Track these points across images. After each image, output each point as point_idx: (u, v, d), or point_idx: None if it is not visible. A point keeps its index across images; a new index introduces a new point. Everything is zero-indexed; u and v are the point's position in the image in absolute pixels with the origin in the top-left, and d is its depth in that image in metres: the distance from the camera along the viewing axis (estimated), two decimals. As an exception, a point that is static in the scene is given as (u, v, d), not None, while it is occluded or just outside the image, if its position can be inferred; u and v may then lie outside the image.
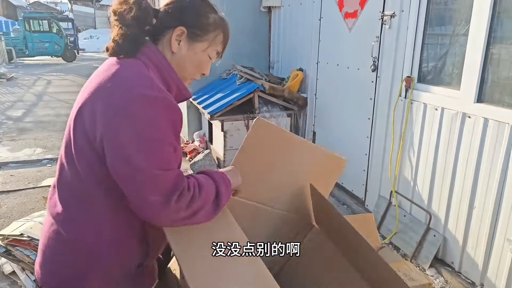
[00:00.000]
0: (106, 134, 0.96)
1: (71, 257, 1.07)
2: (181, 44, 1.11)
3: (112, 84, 0.99)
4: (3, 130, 5.99)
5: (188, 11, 1.11)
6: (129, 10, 1.06)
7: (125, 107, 0.95)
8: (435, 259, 2.65)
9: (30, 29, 16.51)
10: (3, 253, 2.62)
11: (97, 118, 0.98)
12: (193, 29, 1.10)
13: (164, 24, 1.10)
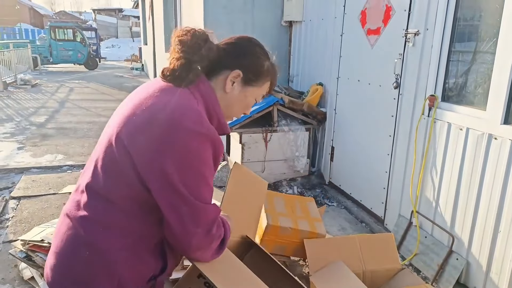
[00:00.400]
0: (152, 161, 1.00)
1: (87, 262, 1.08)
2: (234, 85, 1.16)
3: (164, 114, 1.02)
4: (26, 135, 6.13)
5: (248, 57, 1.17)
6: (196, 44, 1.09)
7: (175, 141, 0.99)
8: (458, 284, 2.58)
9: (55, 37, 17.01)
10: (24, 258, 2.66)
11: (143, 142, 1.01)
12: (249, 74, 1.17)
13: (223, 63, 1.15)
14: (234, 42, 1.20)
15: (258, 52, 1.21)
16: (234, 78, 1.15)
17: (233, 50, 1.18)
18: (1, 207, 3.65)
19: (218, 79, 1.15)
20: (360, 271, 2.40)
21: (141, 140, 1.02)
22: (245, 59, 1.17)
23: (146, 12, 13.46)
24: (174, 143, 0.99)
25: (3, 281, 2.65)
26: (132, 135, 1.03)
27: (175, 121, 1.00)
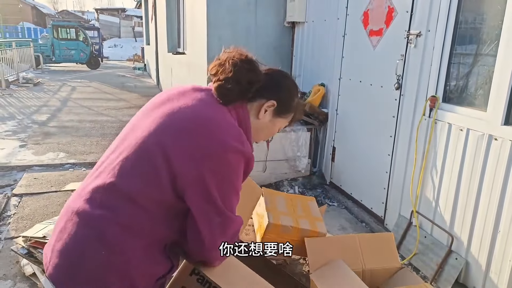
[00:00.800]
0: (193, 170, 1.05)
1: (103, 262, 1.07)
2: (266, 113, 1.25)
3: (208, 127, 1.09)
4: (28, 133, 6.16)
5: (284, 91, 1.27)
6: (249, 72, 1.18)
7: (218, 154, 1.06)
8: (457, 283, 2.59)
9: (58, 36, 17.05)
10: (25, 254, 2.68)
11: (186, 150, 1.06)
12: (282, 106, 1.26)
13: (262, 92, 1.23)
14: (272, 74, 1.27)
15: (293, 88, 1.31)
16: (268, 107, 1.24)
17: (273, 82, 1.25)
18: (3, 204, 3.67)
19: (254, 105, 1.24)
20: (359, 269, 2.40)
21: (185, 148, 1.06)
22: (281, 93, 1.26)
23: (149, 13, 13.49)
24: (217, 157, 1.06)
25: (5, 277, 2.67)
26: (175, 143, 1.07)
27: (219, 136, 1.08)
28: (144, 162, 1.09)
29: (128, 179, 1.09)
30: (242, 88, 1.17)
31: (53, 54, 16.97)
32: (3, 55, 11.29)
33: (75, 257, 1.10)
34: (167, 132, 1.09)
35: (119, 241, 1.08)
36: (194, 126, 1.09)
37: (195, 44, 5.86)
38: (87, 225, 1.10)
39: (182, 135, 1.08)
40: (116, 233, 1.08)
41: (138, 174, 1.09)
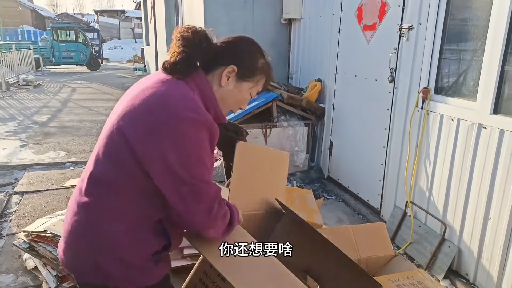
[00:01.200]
0: (151, 148, 1.06)
1: (92, 244, 1.15)
2: (229, 80, 1.23)
3: (161, 102, 1.09)
4: (29, 134, 6.22)
5: (243, 54, 1.24)
6: (196, 41, 1.16)
7: (173, 127, 1.05)
8: (450, 271, 2.64)
9: (57, 38, 17.12)
10: (27, 248, 2.73)
11: (142, 130, 1.07)
12: (244, 70, 1.23)
13: (219, 59, 1.22)
14: (230, 41, 1.26)
15: (253, 50, 1.27)
16: (229, 73, 1.22)
17: (230, 47, 1.24)
18: (5, 202, 3.73)
19: (214, 74, 1.22)
20: (355, 258, 2.46)
21: (141, 128, 1.07)
22: (240, 56, 1.23)
23: (148, 13, 13.56)
24: (172, 130, 1.05)
25: (7, 271, 2.73)
26: (132, 124, 1.09)
27: (171, 109, 1.06)
28: (112, 150, 1.13)
29: (102, 167, 1.14)
30: (189, 57, 1.16)
31: (53, 56, 17.03)
32: (3, 58, 11.36)
33: (73, 243, 1.19)
34: (128, 116, 1.11)
35: (102, 225, 1.14)
36: (148, 105, 1.09)
37: (193, 42, 5.92)
38: (77, 213, 1.17)
39: (139, 117, 1.09)
40: (99, 217, 1.15)
41: (110, 161, 1.13)
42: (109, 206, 1.14)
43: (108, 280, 1.16)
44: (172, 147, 1.05)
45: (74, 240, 1.18)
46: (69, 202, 1.26)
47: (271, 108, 4.29)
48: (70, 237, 1.19)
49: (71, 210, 1.21)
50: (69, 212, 1.22)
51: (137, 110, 1.10)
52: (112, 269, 1.15)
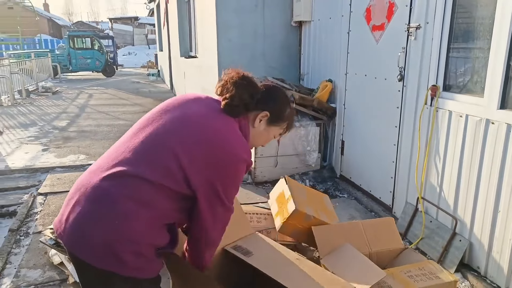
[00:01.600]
0: (203, 176, 1.31)
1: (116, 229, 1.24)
2: (261, 122, 1.48)
3: (219, 140, 1.33)
4: (50, 138, 6.45)
5: (276, 103, 1.49)
6: (248, 88, 1.43)
7: (229, 164, 1.33)
8: (461, 264, 2.68)
9: (74, 46, 17.57)
10: (53, 245, 2.88)
11: (199, 156, 1.30)
12: (274, 116, 1.48)
13: (258, 105, 1.45)
14: (268, 89, 1.50)
15: (284, 100, 1.52)
16: (262, 117, 1.46)
17: (267, 95, 1.47)
18: (30, 203, 3.91)
19: (251, 115, 1.46)
20: (366, 253, 2.53)
21: (197, 153, 1.29)
22: (274, 105, 1.47)
23: (161, 19, 13.82)
24: (228, 166, 1.33)
25: (35, 267, 2.88)
26: (189, 147, 1.30)
27: (231, 149, 1.33)
28: (161, 160, 1.29)
29: (143, 167, 1.28)
30: (245, 102, 1.40)
31: (70, 64, 17.48)
32: (22, 66, 11.74)
33: (88, 226, 1.25)
34: (183, 138, 1.31)
35: (130, 214, 1.25)
36: (207, 137, 1.32)
37: (206, 47, 6.06)
38: (105, 200, 1.26)
39: (198, 143, 1.30)
40: (129, 207, 1.25)
41: (154, 166, 1.28)
42: (143, 200, 1.26)
43: (115, 267, 1.24)
44: (223, 177, 1.33)
45: (93, 225, 1.24)
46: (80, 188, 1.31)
47: (283, 108, 4.38)
48: (88, 221, 1.24)
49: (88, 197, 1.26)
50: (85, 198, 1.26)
51: (192, 137, 1.31)
52: (128, 259, 1.24)
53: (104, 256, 1.24)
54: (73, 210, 1.28)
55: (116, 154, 1.34)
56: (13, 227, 3.40)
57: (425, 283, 2.26)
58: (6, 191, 4.28)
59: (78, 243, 1.26)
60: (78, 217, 1.26)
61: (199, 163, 1.29)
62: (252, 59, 5.30)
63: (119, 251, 1.24)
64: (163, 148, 1.30)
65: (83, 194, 1.29)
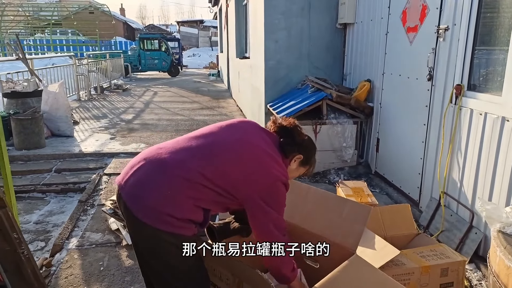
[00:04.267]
0: (255, 190, 1.63)
1: (164, 196, 1.57)
2: (295, 163, 1.81)
3: (271, 170, 1.65)
4: (117, 129, 7.26)
5: (308, 150, 1.84)
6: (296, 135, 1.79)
7: (274, 185, 1.65)
8: (476, 256, 2.79)
9: (143, 47, 18.98)
10: (112, 214, 3.44)
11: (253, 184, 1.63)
12: (305, 159, 1.82)
13: (296, 150, 1.79)
14: (304, 141, 1.81)
15: (313, 149, 1.88)
16: (297, 159, 1.80)
17: (303, 144, 1.81)
18: (96, 180, 4.57)
19: (290, 156, 1.79)
20: (382, 236, 2.74)
21: (253, 180, 1.63)
22: (307, 151, 1.82)
23: (222, 22, 14.54)
24: (274, 187, 1.66)
25: (97, 231, 3.44)
26: (248, 176, 1.62)
27: (278, 176, 1.66)
28: (220, 165, 1.63)
29: (206, 164, 1.62)
30: (295, 145, 1.76)
31: (140, 64, 18.88)
32: (99, 65, 13.04)
33: (147, 188, 1.59)
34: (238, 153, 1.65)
35: (181, 190, 1.59)
36: (262, 164, 1.66)
37: (256, 48, 6.46)
38: (165, 173, 1.61)
39: (253, 176, 1.64)
40: (182, 185, 1.60)
41: (214, 167, 1.62)
42: (192, 185, 1.59)
43: (163, 225, 1.57)
44: (272, 194, 1.66)
45: (150, 188, 1.58)
46: (145, 157, 1.67)
47: (321, 106, 4.64)
48: (147, 185, 1.59)
49: (152, 166, 1.61)
50: (149, 167, 1.62)
51: (249, 159, 1.65)
52: (171, 220, 1.58)
53: (153, 215, 1.58)
54: (136, 173, 1.63)
55: (184, 144, 1.70)
56: (82, 199, 4.05)
57: (436, 262, 2.44)
58: (79, 171, 5.01)
59: (134, 202, 1.56)
60: (140, 180, 1.57)
61: (252, 185, 1.62)
62: (298, 60, 5.59)
63: (164, 214, 1.58)
64: (214, 157, 1.64)
65: (148, 162, 1.61)
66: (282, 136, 1.77)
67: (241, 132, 1.74)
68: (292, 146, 1.76)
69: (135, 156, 1.74)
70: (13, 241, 1.98)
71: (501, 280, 1.53)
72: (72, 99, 10.23)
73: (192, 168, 1.60)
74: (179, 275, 1.68)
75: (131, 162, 1.71)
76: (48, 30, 22.75)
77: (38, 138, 5.63)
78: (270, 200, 1.63)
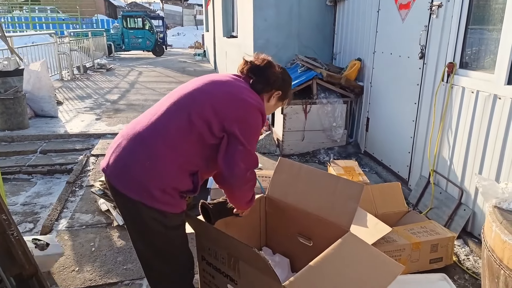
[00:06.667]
0: (231, 125, 1.59)
1: (146, 169, 1.54)
2: (273, 98, 1.82)
3: (243, 101, 1.64)
4: (102, 109, 7.10)
5: (286, 85, 1.86)
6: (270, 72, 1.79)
7: (246, 116, 1.63)
8: (465, 232, 2.85)
9: (127, 26, 18.46)
10: (101, 195, 3.38)
11: (223, 115, 1.59)
12: (283, 94, 1.84)
13: (273, 86, 1.80)
14: (281, 76, 1.82)
15: (290, 83, 1.89)
16: (275, 95, 1.82)
17: (280, 80, 1.81)
18: (84, 161, 4.48)
19: (266, 92, 1.80)
20: (373, 214, 2.77)
21: (221, 113, 1.59)
22: (284, 86, 1.84)
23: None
24: (246, 118, 1.62)
25: (87, 212, 3.39)
26: (214, 108, 1.59)
27: (249, 106, 1.63)
28: (193, 109, 1.59)
29: (176, 118, 1.58)
30: (269, 83, 1.76)
31: (123, 43, 18.39)
32: (81, 44, 12.66)
33: (128, 164, 1.56)
34: (212, 95, 1.63)
35: (160, 156, 1.56)
36: (232, 100, 1.64)
37: (244, 26, 6.34)
38: (142, 143, 1.58)
39: (222, 103, 1.61)
40: (160, 150, 1.56)
41: (185, 117, 1.58)
42: (173, 150, 1.56)
43: (149, 200, 1.55)
44: (245, 126, 1.61)
45: (130, 162, 1.55)
46: (122, 136, 1.65)
47: (311, 85, 4.61)
48: (127, 160, 1.56)
49: (129, 141, 1.59)
50: (127, 142, 1.59)
51: (219, 100, 1.61)
52: (156, 194, 1.55)
53: (138, 189, 1.55)
54: (115, 151, 1.62)
55: (154, 111, 1.66)
56: (70, 180, 3.97)
57: (426, 238, 2.50)
58: (65, 152, 4.90)
59: (117, 177, 1.58)
60: (120, 156, 1.57)
61: (230, 114, 1.58)
62: (287, 39, 5.51)
63: (149, 187, 1.55)
64: (193, 102, 1.61)
65: (125, 139, 1.62)
66: (255, 75, 1.75)
67: (211, 77, 1.74)
68: (264, 85, 1.76)
69: (114, 139, 1.72)
70: (2, 222, 1.93)
71: (496, 254, 1.55)
72: (55, 78, 9.94)
73: (168, 125, 1.59)
74: (164, 255, 1.68)
75: (110, 145, 1.70)
76: (26, 7, 21.88)
77: (21, 119, 5.47)
78: (245, 131, 1.61)
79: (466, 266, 2.60)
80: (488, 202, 1.73)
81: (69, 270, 2.58)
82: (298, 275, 1.63)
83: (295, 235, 2.21)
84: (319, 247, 1.90)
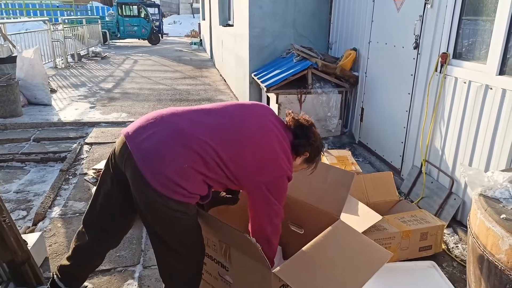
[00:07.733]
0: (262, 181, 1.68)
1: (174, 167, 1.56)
2: (300, 159, 1.84)
3: (281, 165, 1.71)
4: (97, 98, 7.06)
5: (316, 151, 1.86)
6: (313, 137, 1.83)
7: (280, 178, 1.72)
8: (454, 221, 2.89)
9: (122, 13, 18.25)
10: (95, 182, 3.39)
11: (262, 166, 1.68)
12: (310, 158, 1.85)
13: (305, 149, 1.81)
14: (314, 141, 1.82)
15: (320, 149, 1.90)
16: (304, 156, 1.83)
17: (311, 144, 1.81)
18: (78, 150, 4.47)
19: (300, 154, 1.83)
20: (364, 202, 2.80)
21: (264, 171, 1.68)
22: (313, 150, 1.83)
23: (203, -12, 14.02)
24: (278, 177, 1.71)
25: (80, 200, 3.40)
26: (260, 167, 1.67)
27: (280, 167, 1.70)
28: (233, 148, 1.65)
29: (218, 145, 1.62)
30: (309, 145, 1.79)
31: (118, 31, 18.21)
32: (75, 32, 12.52)
33: (164, 157, 1.57)
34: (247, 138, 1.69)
35: (197, 166, 1.58)
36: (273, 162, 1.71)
37: (240, 15, 6.29)
38: (184, 144, 1.58)
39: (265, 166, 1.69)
40: (199, 161, 1.59)
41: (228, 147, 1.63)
42: (209, 166, 1.60)
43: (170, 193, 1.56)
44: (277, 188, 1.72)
45: (168, 157, 1.56)
46: (162, 117, 1.66)
47: (306, 75, 4.60)
48: (164, 149, 1.56)
49: (171, 132, 1.60)
50: (167, 131, 1.60)
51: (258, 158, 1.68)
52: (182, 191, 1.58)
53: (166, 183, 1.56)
54: (153, 136, 1.59)
55: (201, 118, 1.68)
56: (63, 168, 3.97)
57: (416, 226, 2.53)
58: (58, 140, 4.88)
59: (148, 164, 1.55)
60: (158, 143, 1.57)
61: (258, 170, 1.66)
62: (283, 28, 5.48)
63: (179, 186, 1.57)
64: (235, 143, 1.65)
65: (165, 128, 1.61)
66: (297, 133, 1.78)
67: (261, 121, 1.75)
68: (304, 147, 1.80)
69: (146, 116, 1.72)
70: (-6, 209, 1.93)
71: (480, 240, 1.58)
72: (48, 66, 9.85)
73: (211, 147, 1.62)
74: (181, 240, 1.71)
75: (142, 121, 1.68)
76: (19, -7, 21.56)
77: (14, 106, 5.44)
78: (274, 191, 1.69)
79: (455, 254, 2.64)
80: (474, 190, 1.75)
81: (63, 257, 2.59)
82: (288, 261, 1.65)
83: (287, 223, 2.23)
84: (310, 235, 1.92)
